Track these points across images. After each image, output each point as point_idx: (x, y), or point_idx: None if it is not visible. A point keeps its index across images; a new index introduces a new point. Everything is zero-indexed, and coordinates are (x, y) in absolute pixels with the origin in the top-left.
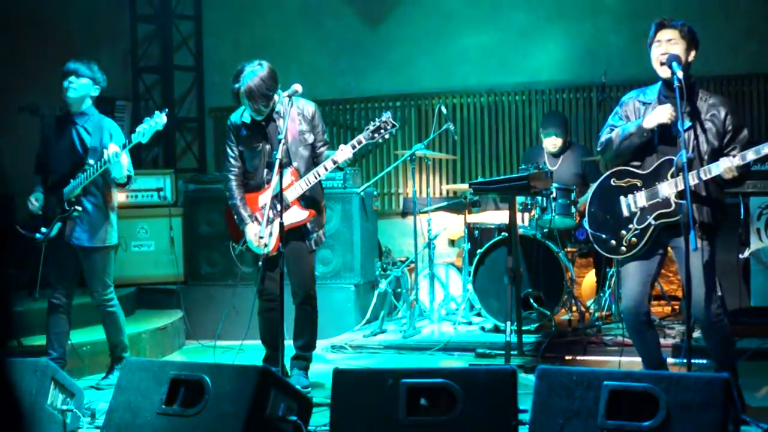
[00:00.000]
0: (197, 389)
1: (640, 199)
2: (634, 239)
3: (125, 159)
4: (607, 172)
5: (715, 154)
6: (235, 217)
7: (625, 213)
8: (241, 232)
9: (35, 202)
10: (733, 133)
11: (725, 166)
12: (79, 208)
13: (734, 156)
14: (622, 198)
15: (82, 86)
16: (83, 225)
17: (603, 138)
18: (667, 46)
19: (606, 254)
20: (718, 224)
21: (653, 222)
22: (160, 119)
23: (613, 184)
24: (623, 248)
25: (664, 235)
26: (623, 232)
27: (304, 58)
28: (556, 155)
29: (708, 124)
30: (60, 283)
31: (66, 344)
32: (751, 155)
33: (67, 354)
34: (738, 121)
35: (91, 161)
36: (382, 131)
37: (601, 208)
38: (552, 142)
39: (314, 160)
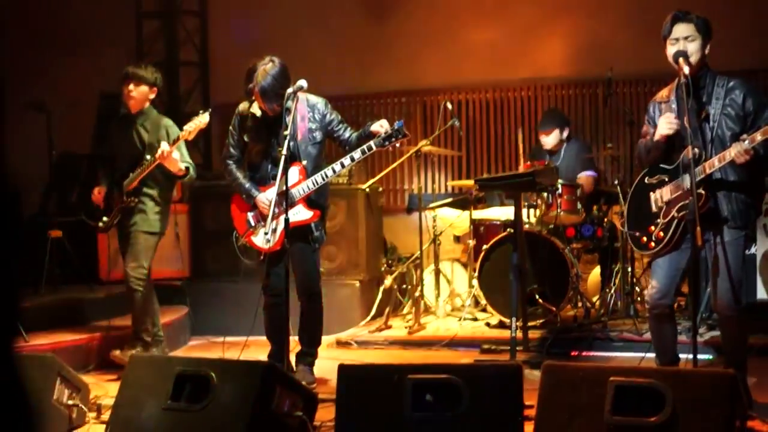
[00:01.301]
0: (203, 385)
1: (666, 193)
2: (660, 233)
3: (176, 154)
4: (642, 171)
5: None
6: (243, 195)
7: (654, 208)
8: (246, 222)
9: (98, 193)
10: (755, 113)
11: (735, 150)
12: (136, 200)
13: (743, 139)
14: (651, 194)
15: (141, 93)
16: (139, 213)
17: (636, 152)
18: (684, 44)
19: (639, 251)
20: (751, 208)
21: (676, 214)
22: (204, 118)
23: (646, 182)
24: (652, 243)
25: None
26: (651, 227)
27: (309, 53)
28: (553, 152)
29: (728, 110)
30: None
31: (158, 322)
32: (759, 136)
33: (158, 331)
34: (759, 100)
35: (148, 156)
36: (393, 139)
37: (635, 207)
38: (546, 138)
39: (346, 147)
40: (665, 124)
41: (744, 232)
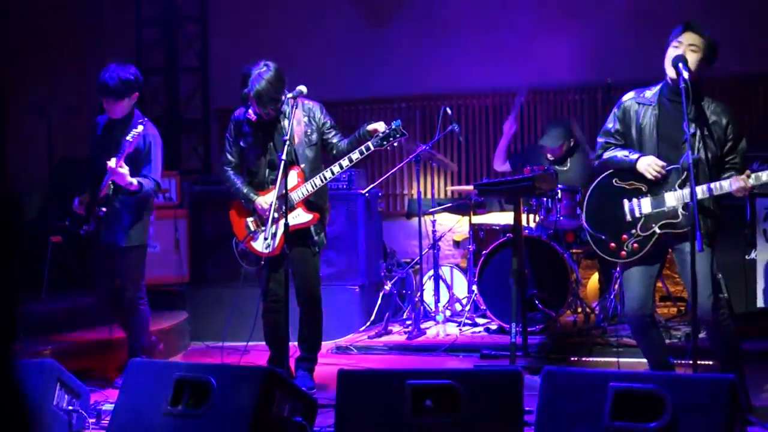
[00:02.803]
0: (203, 390)
1: (645, 205)
2: (635, 245)
3: (124, 170)
4: (609, 171)
5: (717, 161)
6: (242, 200)
7: (628, 217)
8: (245, 228)
9: (79, 204)
10: (734, 142)
11: (738, 185)
12: (105, 209)
13: (747, 176)
14: (625, 201)
15: (119, 105)
16: (114, 225)
17: (600, 152)
18: (686, 51)
19: (603, 256)
20: (716, 229)
21: (658, 231)
22: (137, 129)
23: (615, 184)
24: (624, 252)
25: (668, 239)
26: (624, 236)
27: (309, 59)
28: (560, 160)
29: (710, 131)
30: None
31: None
32: (765, 177)
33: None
34: (738, 130)
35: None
36: (391, 139)
37: (601, 209)
38: (551, 145)
39: (333, 151)
40: (652, 171)
41: (714, 243)
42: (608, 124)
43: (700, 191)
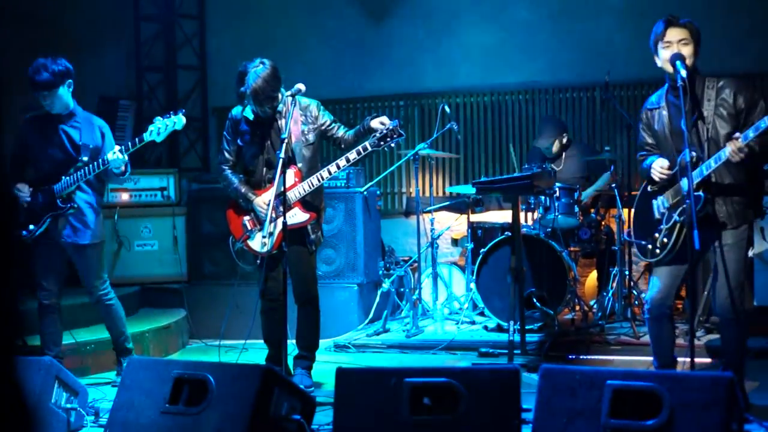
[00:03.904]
0: (201, 388)
1: (667, 198)
2: (664, 239)
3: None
4: (645, 181)
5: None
6: (240, 200)
7: (657, 215)
8: (242, 227)
9: (24, 189)
10: (747, 110)
11: (729, 149)
12: (75, 206)
13: (736, 138)
14: (653, 202)
15: (58, 97)
16: (76, 223)
17: (640, 166)
18: (678, 47)
19: (646, 259)
20: (747, 208)
21: (677, 218)
22: (179, 120)
23: (649, 190)
24: (657, 250)
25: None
26: (656, 234)
27: (307, 57)
28: (554, 158)
29: (720, 110)
30: (48, 280)
31: (61, 342)
32: (751, 133)
33: (62, 352)
34: (750, 96)
35: (84, 158)
36: (388, 139)
37: (641, 217)
38: (546, 146)
39: (342, 145)
40: (656, 174)
41: (744, 232)
42: (639, 138)
43: (706, 168)
